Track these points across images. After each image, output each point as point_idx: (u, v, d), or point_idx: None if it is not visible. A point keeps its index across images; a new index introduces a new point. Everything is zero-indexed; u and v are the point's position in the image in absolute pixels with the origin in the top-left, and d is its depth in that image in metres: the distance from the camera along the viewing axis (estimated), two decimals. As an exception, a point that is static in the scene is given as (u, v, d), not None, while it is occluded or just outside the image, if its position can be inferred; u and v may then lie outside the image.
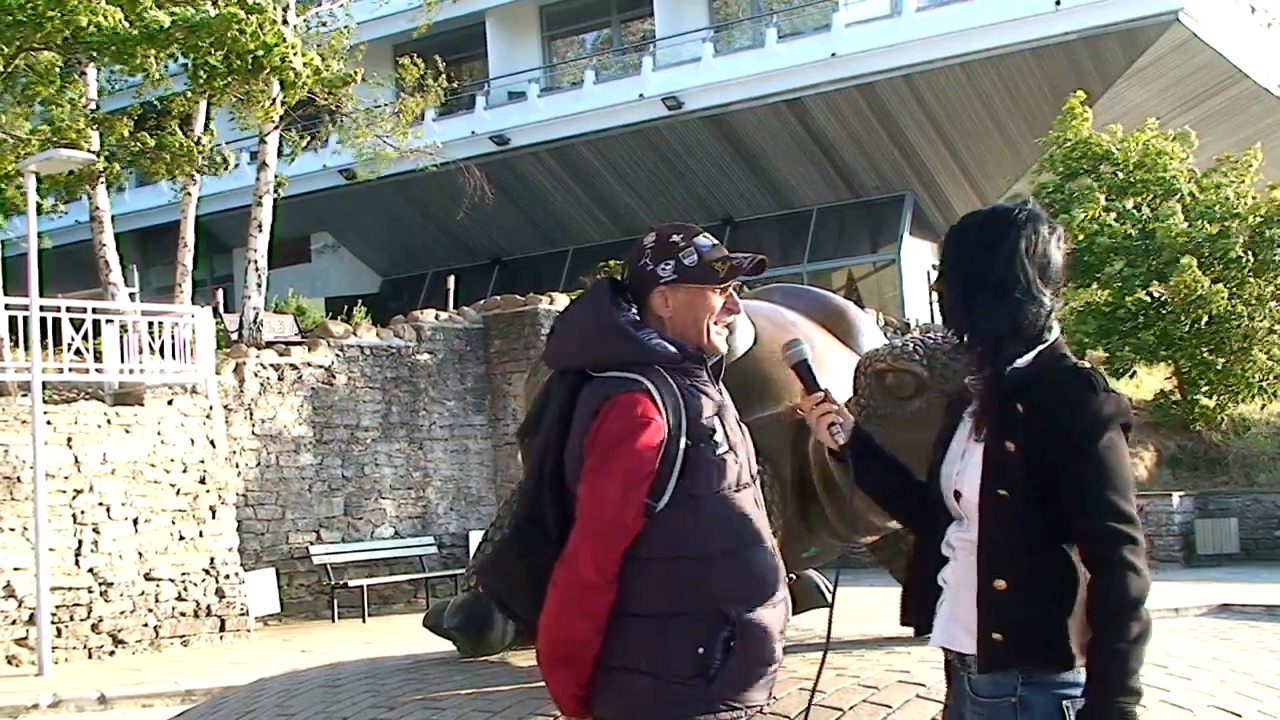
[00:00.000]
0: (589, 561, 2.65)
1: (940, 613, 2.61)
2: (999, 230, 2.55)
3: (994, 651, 2.46)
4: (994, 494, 2.47)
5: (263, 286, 19.44)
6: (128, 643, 13.43)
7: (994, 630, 2.45)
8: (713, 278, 2.85)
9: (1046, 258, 2.55)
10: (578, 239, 29.63)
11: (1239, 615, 12.73)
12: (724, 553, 2.72)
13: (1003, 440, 2.47)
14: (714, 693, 2.67)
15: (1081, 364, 2.53)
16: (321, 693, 4.54)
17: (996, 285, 2.51)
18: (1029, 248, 2.54)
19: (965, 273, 2.56)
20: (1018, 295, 2.51)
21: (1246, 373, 20.63)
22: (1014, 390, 2.49)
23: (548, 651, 2.72)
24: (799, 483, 4.44)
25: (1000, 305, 2.51)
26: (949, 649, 2.62)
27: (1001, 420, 2.48)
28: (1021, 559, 2.45)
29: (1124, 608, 2.37)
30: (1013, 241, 2.53)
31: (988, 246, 2.54)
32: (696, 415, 2.75)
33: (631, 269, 2.87)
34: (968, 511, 2.56)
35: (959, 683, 2.62)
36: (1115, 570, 2.37)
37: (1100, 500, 2.40)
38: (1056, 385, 2.47)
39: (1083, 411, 2.43)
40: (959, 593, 2.56)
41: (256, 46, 14.85)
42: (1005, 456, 2.46)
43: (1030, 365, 2.52)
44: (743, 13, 29.33)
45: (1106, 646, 2.36)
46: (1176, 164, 21.26)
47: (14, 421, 13.01)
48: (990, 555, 2.48)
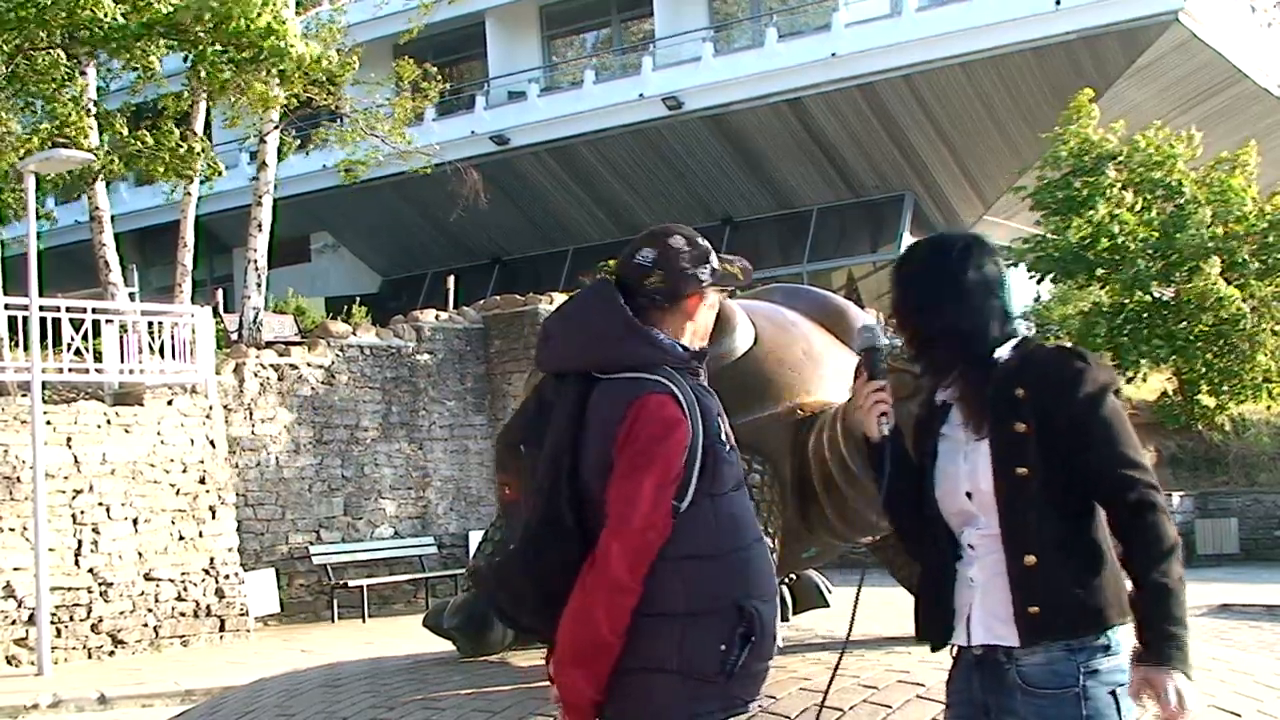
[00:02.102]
0: (622, 563, 2.65)
1: (974, 615, 2.64)
2: (966, 251, 2.76)
3: (1033, 624, 2.54)
4: (1011, 474, 2.57)
5: (262, 286, 19.43)
6: (127, 643, 13.43)
7: (1030, 605, 2.55)
8: (733, 281, 2.92)
9: (1002, 275, 2.78)
10: (578, 239, 29.62)
11: (1239, 615, 12.72)
12: (737, 550, 2.75)
13: (1010, 424, 2.59)
14: (731, 689, 2.71)
15: (1064, 343, 2.73)
16: (321, 693, 4.54)
17: (975, 288, 2.72)
18: (992, 264, 2.76)
19: (942, 282, 2.73)
20: (989, 299, 2.72)
21: (1250, 374, 20.63)
22: (1007, 378, 2.62)
23: (570, 652, 2.70)
24: (799, 483, 4.44)
25: (975, 305, 2.70)
26: (991, 645, 2.62)
27: (1003, 407, 2.60)
28: (1047, 532, 2.56)
29: (1167, 550, 2.51)
30: (977, 258, 2.74)
31: (962, 262, 2.74)
32: (710, 414, 2.78)
33: (669, 270, 2.85)
34: (984, 505, 2.62)
35: (997, 677, 2.62)
36: (1151, 517, 2.53)
37: (1121, 457, 2.56)
38: (1053, 363, 2.63)
39: (1083, 381, 2.58)
40: (991, 585, 2.61)
41: (257, 32, 14.76)
42: (1017, 437, 2.58)
43: (1012, 356, 2.67)
44: (743, 12, 29.33)
45: (1156, 586, 2.49)
46: (1183, 165, 21.26)
47: (14, 421, 13.00)
48: (1016, 534, 2.57)
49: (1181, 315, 20.54)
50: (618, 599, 2.66)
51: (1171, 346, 20.72)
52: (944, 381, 2.76)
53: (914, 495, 2.78)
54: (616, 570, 2.65)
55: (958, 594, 2.68)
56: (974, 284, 2.71)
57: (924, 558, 2.78)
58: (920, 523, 2.76)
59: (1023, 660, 2.57)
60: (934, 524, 2.72)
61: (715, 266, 2.87)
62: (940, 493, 2.70)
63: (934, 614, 2.72)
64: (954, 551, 2.69)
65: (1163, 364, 21.49)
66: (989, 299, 2.71)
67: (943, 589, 2.69)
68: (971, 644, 2.65)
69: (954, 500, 2.68)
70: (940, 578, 2.71)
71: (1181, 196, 20.94)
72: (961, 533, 2.68)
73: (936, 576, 2.72)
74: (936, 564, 2.72)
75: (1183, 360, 20.91)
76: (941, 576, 2.70)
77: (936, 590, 2.72)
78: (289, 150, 21.49)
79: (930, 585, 2.74)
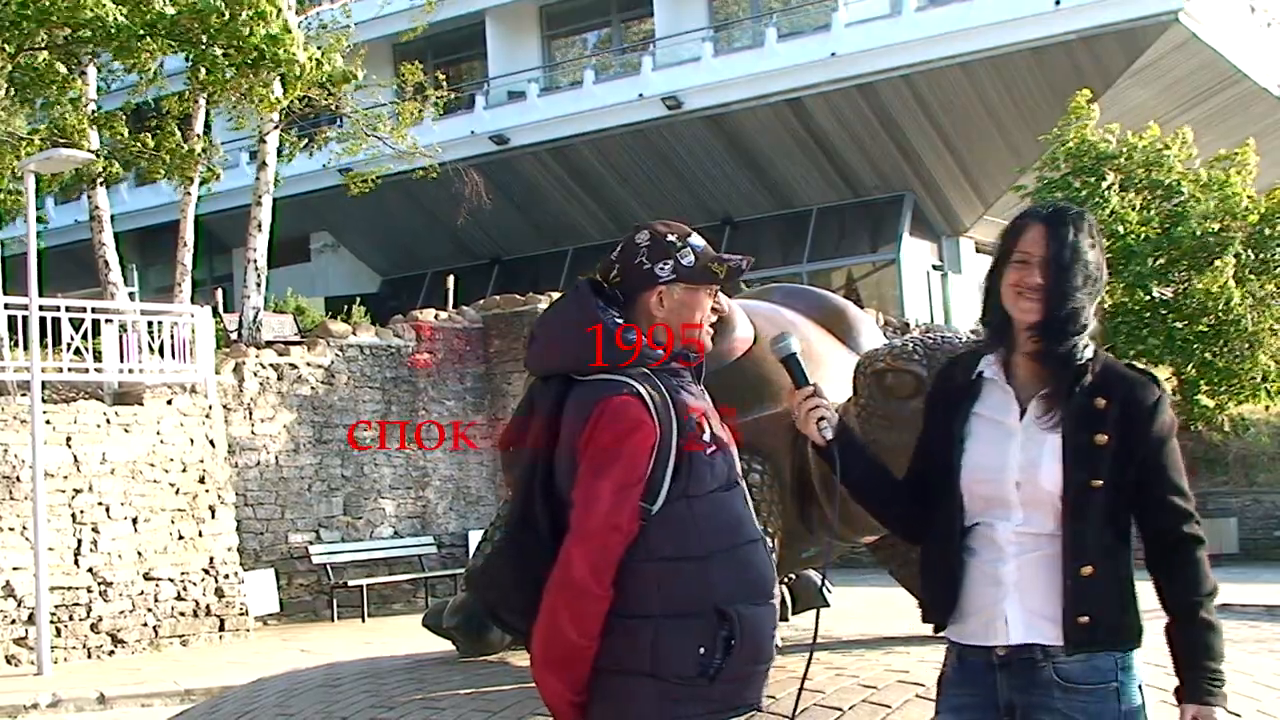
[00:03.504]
0: (583, 566, 2.64)
1: (1012, 615, 2.60)
2: (1094, 230, 2.65)
3: (1080, 633, 2.56)
4: (1084, 485, 2.56)
5: (262, 286, 19.43)
6: (127, 642, 13.43)
7: (1080, 614, 2.55)
8: (711, 279, 2.85)
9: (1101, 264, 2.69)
10: (577, 239, 29.61)
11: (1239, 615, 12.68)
12: (720, 552, 2.72)
13: (1091, 433, 2.57)
14: (715, 693, 2.67)
15: (1140, 366, 2.72)
16: (321, 692, 4.54)
17: (1094, 280, 2.62)
18: (1100, 252, 2.67)
19: (1077, 263, 2.60)
20: (1096, 291, 2.64)
21: (1249, 373, 20.62)
22: (1092, 385, 2.60)
23: (542, 655, 2.70)
24: (799, 483, 4.44)
25: (1090, 300, 2.62)
26: (1028, 644, 2.59)
27: (1084, 414, 2.58)
28: (1103, 545, 2.58)
29: (1212, 589, 2.58)
30: (1099, 243, 2.65)
31: (1095, 245, 2.63)
32: (686, 416, 2.75)
33: (625, 266, 2.84)
34: (1037, 502, 2.59)
35: (1029, 676, 2.59)
36: (1200, 553, 2.59)
37: (1180, 490, 2.62)
38: (1140, 384, 2.63)
39: (1163, 410, 2.63)
40: (1032, 586, 2.59)
41: (261, 39, 14.77)
42: (1096, 449, 2.57)
43: (1093, 361, 2.62)
44: (743, 12, 29.32)
45: (1205, 624, 2.56)
46: (1180, 165, 21.25)
47: (13, 421, 13.01)
48: (1079, 542, 2.56)
49: (1181, 315, 20.52)
50: (582, 602, 2.64)
51: (1170, 346, 20.70)
52: (982, 363, 2.69)
53: (894, 488, 2.75)
54: (578, 573, 2.64)
55: (972, 592, 2.63)
56: (1097, 269, 2.64)
57: (928, 545, 2.73)
58: (919, 508, 2.71)
59: (1061, 658, 2.58)
60: (936, 506, 2.67)
61: (684, 263, 2.81)
62: (971, 476, 2.64)
63: (942, 598, 2.68)
64: (962, 540, 2.64)
65: (1162, 364, 21.48)
66: (1099, 289, 2.65)
67: (952, 578, 2.64)
68: (1011, 643, 2.59)
69: (994, 486, 2.61)
70: (948, 565, 2.65)
71: (1180, 195, 20.93)
72: (979, 525, 2.63)
73: (944, 563, 2.66)
74: (943, 551, 2.66)
75: (1182, 360, 20.90)
76: (950, 565, 2.65)
77: (942, 578, 2.66)
78: (294, 150, 21.49)
79: (937, 571, 2.69)
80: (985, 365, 2.70)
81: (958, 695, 2.70)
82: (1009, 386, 2.66)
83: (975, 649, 2.65)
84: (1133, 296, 20.91)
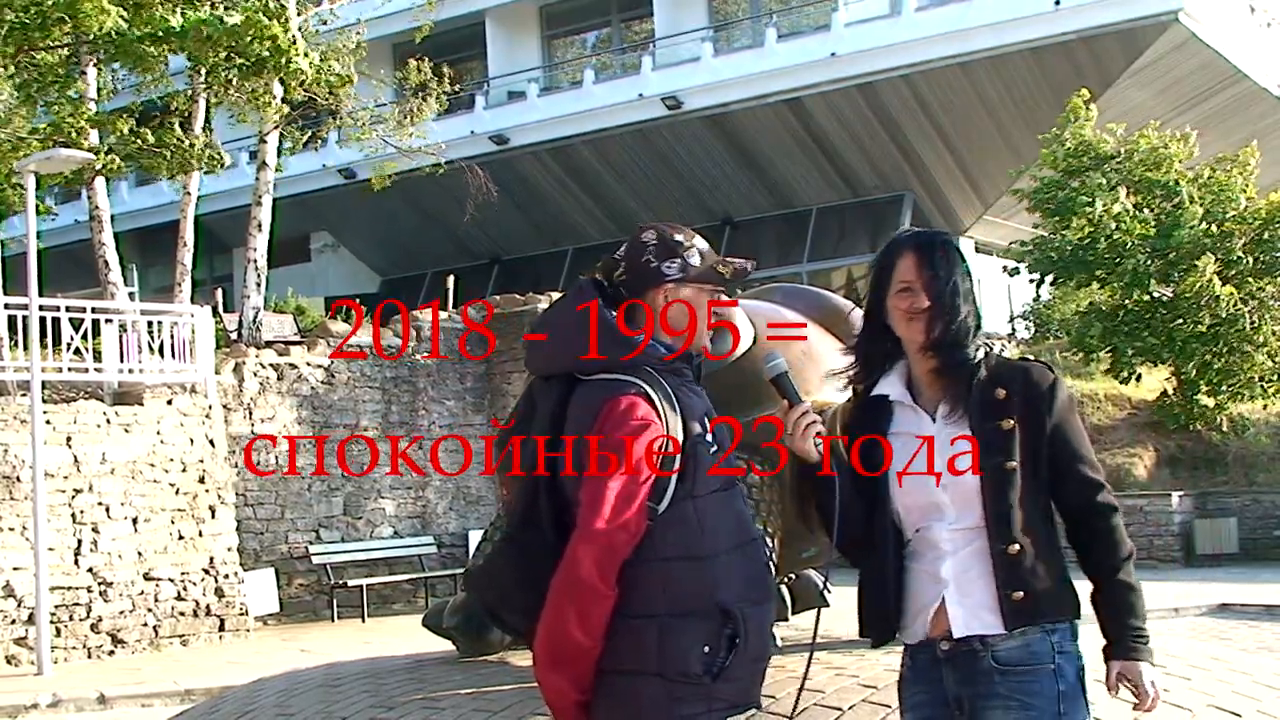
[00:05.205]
0: (590, 565, 2.64)
1: (953, 610, 2.70)
2: (956, 246, 2.88)
3: (1017, 609, 2.67)
4: (999, 467, 2.70)
5: (262, 286, 19.44)
6: (127, 642, 13.43)
7: (1014, 590, 2.67)
8: (717, 280, 2.87)
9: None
10: (577, 239, 29.62)
11: (1238, 615, 12.72)
12: (724, 551, 2.74)
13: (997, 420, 2.73)
14: (718, 691, 2.69)
15: (1032, 356, 2.90)
16: (321, 692, 4.54)
17: (969, 290, 2.83)
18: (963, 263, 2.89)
19: (953, 280, 2.80)
20: (972, 298, 2.84)
21: (1248, 373, 20.62)
22: (986, 380, 2.76)
23: (546, 655, 2.70)
24: (799, 483, 4.43)
25: (971, 307, 2.81)
26: (967, 637, 2.69)
27: (986, 406, 2.74)
28: (1026, 523, 2.69)
29: (1129, 554, 2.73)
30: (962, 256, 2.87)
31: (961, 259, 2.85)
32: (691, 416, 2.76)
33: (631, 264, 2.85)
34: (963, 498, 2.71)
35: (972, 667, 2.69)
36: (1115, 520, 2.74)
37: (1088, 459, 2.77)
38: (1033, 370, 2.80)
39: (1060, 389, 2.78)
40: (967, 578, 2.70)
41: (266, 49, 14.78)
42: (1003, 434, 2.72)
43: (985, 359, 2.81)
44: (742, 12, 29.33)
45: (1125, 585, 2.71)
46: (1179, 165, 21.25)
47: (13, 421, 13.00)
48: (1001, 523, 2.69)
49: (1180, 314, 20.52)
50: (587, 602, 2.64)
51: (1170, 346, 20.70)
52: (871, 380, 2.85)
53: (864, 505, 2.81)
54: (584, 572, 2.63)
55: (915, 593, 2.74)
56: (967, 278, 2.84)
57: (868, 561, 2.83)
58: (868, 529, 2.80)
59: (999, 646, 2.68)
60: (882, 524, 2.78)
61: (691, 263, 2.83)
62: (901, 490, 2.76)
63: (879, 613, 2.79)
64: (901, 551, 2.77)
65: (1161, 363, 21.48)
66: (974, 294, 2.84)
67: (890, 588, 2.76)
68: (954, 636, 2.69)
69: (923, 494, 2.74)
70: (887, 578, 2.76)
71: (1178, 196, 20.94)
72: (919, 531, 2.75)
73: (882, 577, 2.77)
74: (881, 565, 2.77)
75: (1182, 360, 20.90)
76: (889, 576, 2.76)
77: (882, 590, 2.77)
78: (297, 147, 21.49)
79: (876, 585, 2.79)
80: (888, 389, 2.84)
81: (913, 694, 2.80)
82: (916, 405, 2.81)
83: (922, 646, 2.76)
84: (1131, 297, 20.91)
